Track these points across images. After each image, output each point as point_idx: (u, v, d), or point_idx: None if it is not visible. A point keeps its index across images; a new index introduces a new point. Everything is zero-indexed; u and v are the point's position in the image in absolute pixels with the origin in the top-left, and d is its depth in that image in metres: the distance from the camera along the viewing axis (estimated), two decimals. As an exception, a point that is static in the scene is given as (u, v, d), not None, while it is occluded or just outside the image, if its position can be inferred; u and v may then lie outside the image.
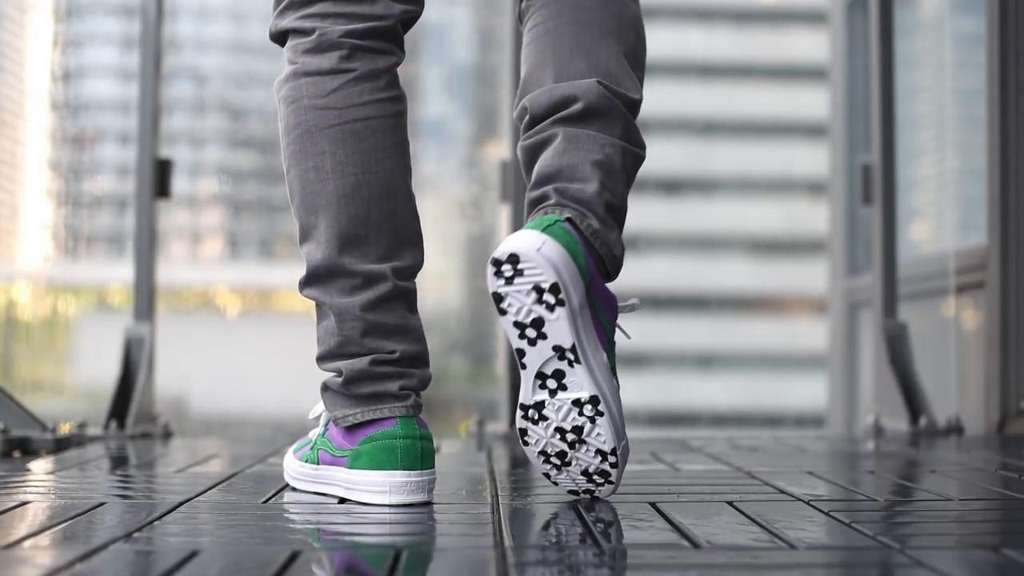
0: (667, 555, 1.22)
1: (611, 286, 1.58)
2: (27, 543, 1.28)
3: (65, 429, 2.50)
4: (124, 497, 1.67)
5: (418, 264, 1.62)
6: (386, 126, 1.60)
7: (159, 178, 3.04)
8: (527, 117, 1.62)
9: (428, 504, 1.56)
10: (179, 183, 3.16)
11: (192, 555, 1.19)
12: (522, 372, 1.52)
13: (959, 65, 3.99)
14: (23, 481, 1.90)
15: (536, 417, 1.52)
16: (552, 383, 1.51)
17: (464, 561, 1.23)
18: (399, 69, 1.67)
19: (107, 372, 2.93)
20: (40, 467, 2.10)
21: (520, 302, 1.48)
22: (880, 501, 1.60)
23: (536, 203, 1.58)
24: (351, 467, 1.58)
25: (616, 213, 1.57)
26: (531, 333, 1.49)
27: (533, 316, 1.48)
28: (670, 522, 1.41)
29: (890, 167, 3.25)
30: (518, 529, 1.39)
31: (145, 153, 3.03)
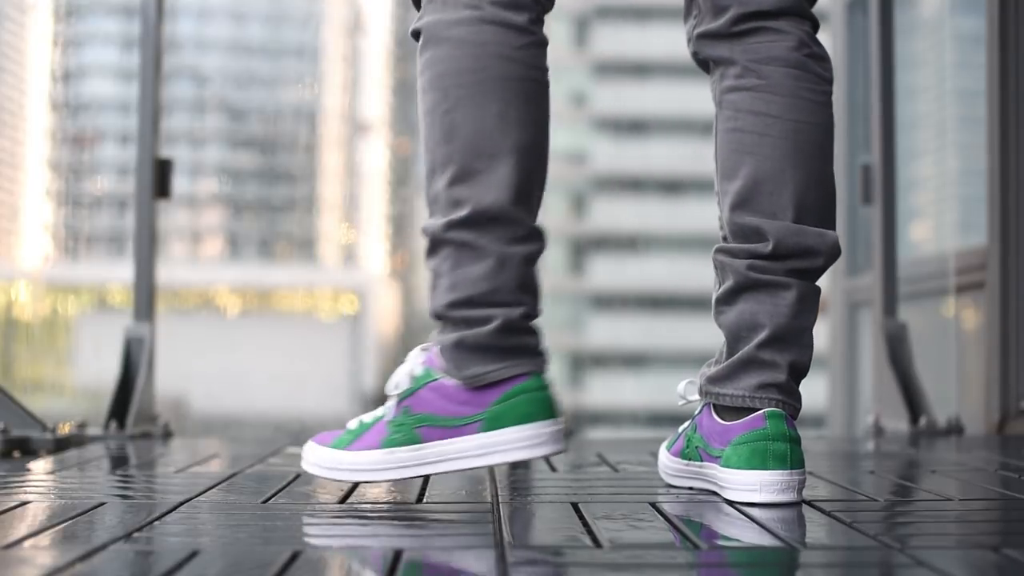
0: (667, 555, 1.22)
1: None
2: (27, 543, 1.28)
3: (65, 429, 2.50)
4: (124, 497, 1.67)
5: None
6: (547, 97, 1.61)
7: (159, 178, 3.03)
8: (768, 248, 1.61)
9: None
10: (179, 183, 3.15)
11: (192, 555, 1.19)
12: None
13: (959, 65, 3.99)
14: (23, 481, 1.90)
15: None
16: None
17: (464, 561, 1.23)
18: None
19: (107, 372, 2.93)
20: (40, 467, 2.10)
21: None
22: (880, 501, 1.60)
23: (762, 362, 1.61)
24: (487, 430, 1.54)
25: None
26: None
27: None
28: (670, 522, 1.41)
29: (890, 167, 3.25)
30: (518, 529, 1.39)
31: (145, 153, 3.03)
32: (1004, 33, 3.05)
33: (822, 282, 1.67)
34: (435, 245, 1.57)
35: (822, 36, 1.71)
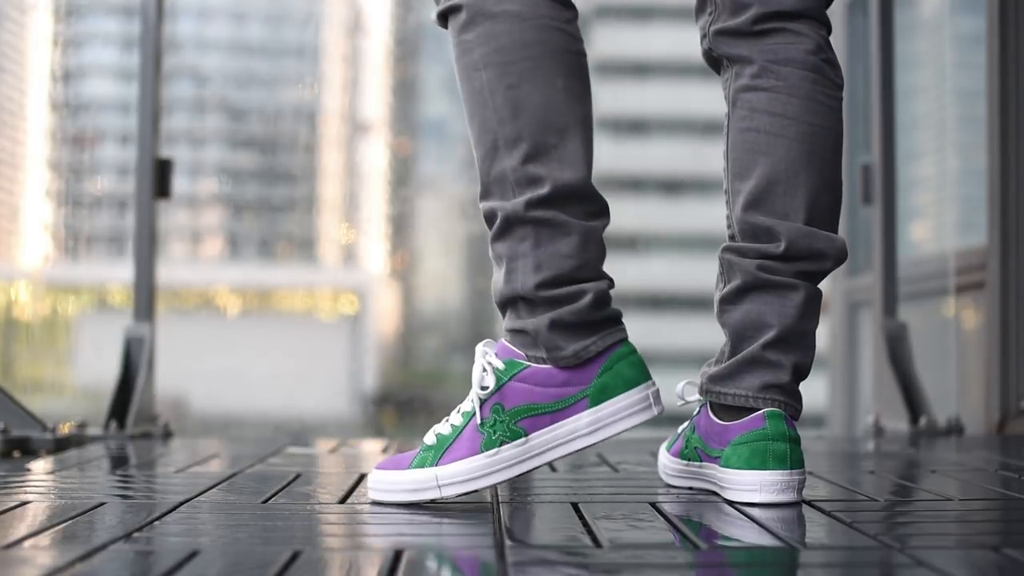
0: (667, 555, 1.22)
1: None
2: (27, 543, 1.28)
3: (65, 429, 2.50)
4: (124, 497, 1.67)
5: None
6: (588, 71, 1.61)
7: (159, 178, 3.03)
8: (779, 249, 1.61)
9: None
10: (179, 183, 3.15)
11: (192, 555, 1.19)
12: None
13: (959, 65, 3.99)
14: (23, 481, 1.90)
15: None
16: None
17: (464, 561, 1.23)
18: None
19: (107, 372, 2.93)
20: (40, 467, 2.10)
21: None
22: (880, 501, 1.60)
23: (767, 362, 1.61)
24: (596, 404, 1.55)
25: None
26: None
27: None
28: (670, 522, 1.41)
29: (890, 167, 3.25)
30: (518, 529, 1.39)
31: (145, 153, 3.03)
32: (1004, 33, 3.05)
33: (822, 281, 1.67)
34: (510, 225, 1.55)
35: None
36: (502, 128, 1.55)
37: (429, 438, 1.59)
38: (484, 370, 1.56)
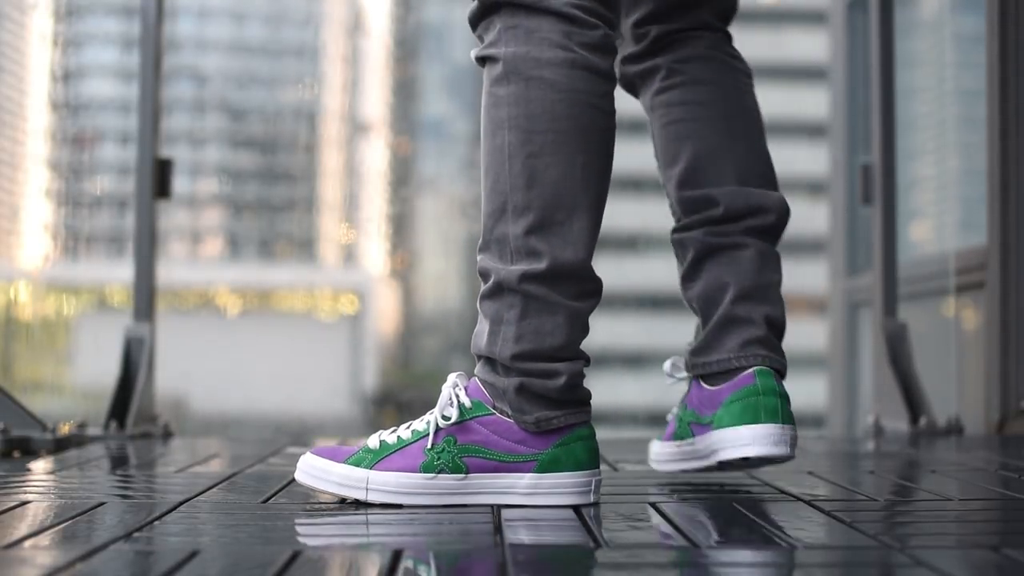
0: (667, 555, 1.22)
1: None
2: (27, 543, 1.28)
3: (65, 429, 2.50)
4: (124, 497, 1.67)
5: None
6: (614, 144, 1.60)
7: (159, 178, 3.03)
8: (719, 211, 1.69)
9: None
10: (179, 183, 3.15)
11: (192, 555, 1.19)
12: None
13: (959, 65, 3.99)
14: (23, 481, 1.90)
15: None
16: None
17: (464, 561, 1.23)
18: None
19: (107, 372, 2.93)
20: (40, 467, 2.10)
21: None
22: (880, 501, 1.60)
23: (739, 319, 1.66)
24: (541, 472, 1.54)
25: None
26: None
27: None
28: (670, 522, 1.41)
29: (890, 167, 3.25)
30: (519, 529, 1.39)
31: (145, 153, 3.03)
32: (1004, 33, 3.05)
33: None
34: (501, 290, 1.55)
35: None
36: (513, 194, 1.55)
37: (373, 442, 1.59)
38: (451, 402, 1.56)
